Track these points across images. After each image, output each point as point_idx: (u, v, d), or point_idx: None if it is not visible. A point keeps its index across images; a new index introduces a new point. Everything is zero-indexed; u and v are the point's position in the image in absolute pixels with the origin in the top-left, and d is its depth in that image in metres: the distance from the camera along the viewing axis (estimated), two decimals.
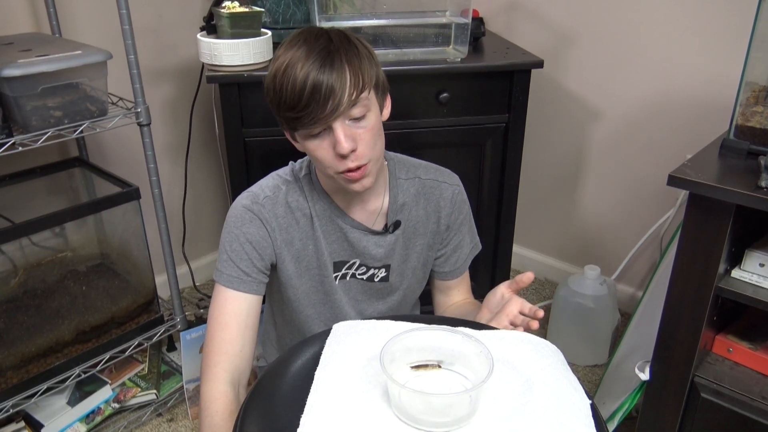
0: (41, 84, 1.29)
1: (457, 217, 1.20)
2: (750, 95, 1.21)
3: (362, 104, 0.96)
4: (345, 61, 0.94)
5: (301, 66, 0.93)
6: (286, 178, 1.13)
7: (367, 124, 0.98)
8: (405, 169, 1.18)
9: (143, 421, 1.70)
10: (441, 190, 1.18)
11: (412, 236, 1.19)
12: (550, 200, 2.24)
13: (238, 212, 1.09)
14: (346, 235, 1.13)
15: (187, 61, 1.98)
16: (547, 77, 2.04)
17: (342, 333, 0.94)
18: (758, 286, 1.15)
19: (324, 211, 1.12)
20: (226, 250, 1.08)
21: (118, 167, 1.82)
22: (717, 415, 1.22)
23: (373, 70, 0.99)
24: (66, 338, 1.52)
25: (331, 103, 0.93)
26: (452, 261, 1.24)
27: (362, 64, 0.96)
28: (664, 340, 1.26)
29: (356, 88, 0.94)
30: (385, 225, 1.16)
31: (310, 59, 0.93)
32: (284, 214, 1.10)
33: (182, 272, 2.09)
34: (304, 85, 0.92)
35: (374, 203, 1.14)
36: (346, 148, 0.95)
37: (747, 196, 1.05)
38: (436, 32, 1.62)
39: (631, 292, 2.11)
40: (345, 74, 0.93)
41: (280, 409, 0.82)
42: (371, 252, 1.15)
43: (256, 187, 1.12)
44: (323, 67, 0.92)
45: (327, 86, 0.92)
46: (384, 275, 1.19)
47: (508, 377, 0.85)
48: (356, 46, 0.98)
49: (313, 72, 0.92)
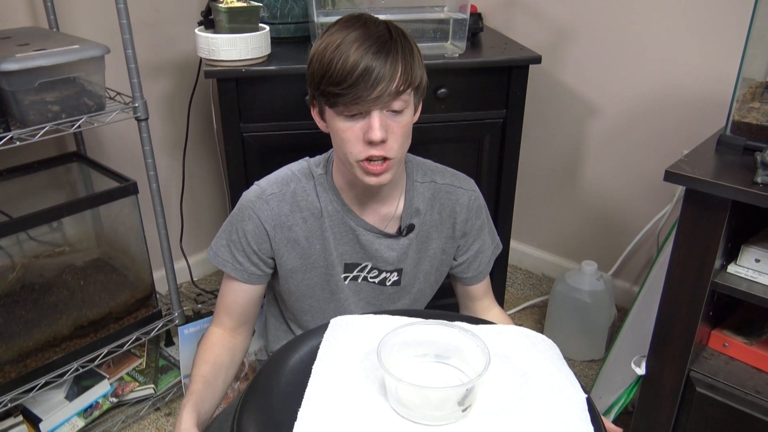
0: (39, 78, 1.29)
1: (474, 223, 1.20)
2: (747, 91, 1.21)
3: (404, 100, 0.98)
4: (400, 53, 0.96)
5: (357, 46, 0.94)
6: (298, 175, 1.13)
7: (402, 120, 0.99)
8: (422, 172, 1.17)
9: (141, 416, 1.70)
10: (457, 195, 1.17)
11: (426, 240, 1.18)
12: (548, 196, 2.24)
13: (243, 206, 1.11)
14: (358, 237, 1.13)
15: (185, 55, 1.98)
16: (545, 73, 2.04)
17: (340, 327, 0.95)
18: (753, 282, 1.16)
19: (336, 212, 1.11)
20: (226, 236, 1.13)
21: (116, 162, 1.82)
22: (712, 410, 1.23)
23: (421, 71, 1.01)
24: (64, 333, 1.52)
25: (379, 89, 0.93)
26: (475, 266, 1.23)
27: (414, 61, 0.98)
28: (660, 335, 1.27)
29: (404, 82, 0.96)
30: (398, 228, 1.15)
31: (368, 42, 0.94)
32: (289, 211, 1.10)
33: (180, 267, 2.09)
34: (357, 65, 0.93)
35: (389, 206, 1.13)
36: (378, 136, 0.96)
37: (743, 192, 1.05)
38: (434, 28, 1.62)
39: (627, 287, 2.12)
40: (398, 66, 0.95)
41: (279, 402, 0.83)
42: (383, 255, 1.14)
43: (265, 181, 1.13)
44: (379, 53, 0.94)
45: (379, 72, 0.93)
46: (396, 279, 1.18)
47: (505, 371, 0.86)
48: (411, 44, 1.00)
49: (369, 55, 0.93)
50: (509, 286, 2.27)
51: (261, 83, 1.50)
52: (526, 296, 2.23)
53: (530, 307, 2.18)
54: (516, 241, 2.36)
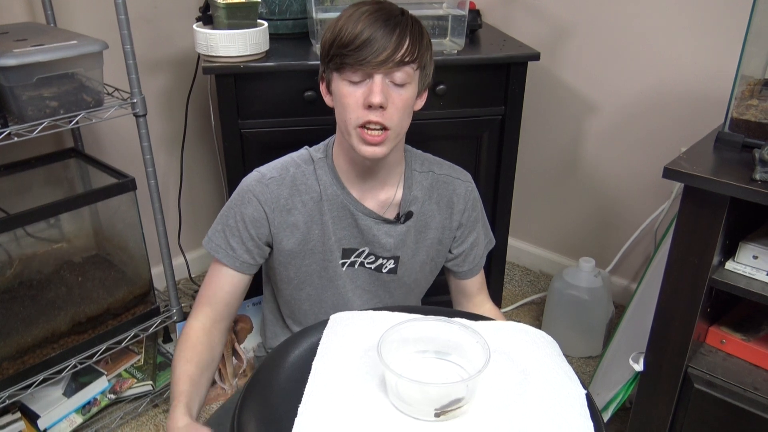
0: (37, 74, 1.29)
1: (470, 215, 1.21)
2: (745, 89, 1.22)
3: (407, 72, 1.02)
4: (408, 29, 1.01)
5: (368, 15, 1.00)
6: (298, 161, 1.15)
7: (404, 93, 1.03)
8: (419, 161, 1.20)
9: (139, 412, 1.70)
10: (455, 186, 1.20)
11: (424, 229, 1.19)
12: (546, 193, 2.24)
13: (242, 190, 1.13)
14: (356, 221, 1.14)
15: (184, 51, 1.97)
16: (544, 70, 2.04)
17: (340, 323, 0.95)
18: (752, 278, 1.16)
19: (336, 196, 1.13)
20: (222, 221, 1.14)
21: (114, 158, 1.81)
22: (710, 406, 1.23)
23: (428, 55, 1.07)
24: (62, 329, 1.52)
25: (384, 54, 0.98)
26: (470, 259, 1.25)
27: (422, 42, 1.03)
28: (658, 331, 1.27)
29: (411, 55, 1.00)
30: (397, 215, 1.16)
31: (378, 13, 1.00)
32: (288, 195, 1.12)
33: (178, 263, 2.09)
34: (365, 29, 0.99)
35: (387, 192, 1.15)
36: (378, 99, 0.99)
37: (741, 189, 1.06)
38: (433, 24, 1.62)
39: (625, 284, 2.12)
40: (405, 39, 1.00)
41: (278, 398, 0.83)
42: (381, 240, 1.16)
43: (265, 167, 1.15)
44: (388, 22, 0.99)
45: (385, 40, 0.98)
46: (392, 267, 1.19)
47: (505, 367, 0.86)
48: (423, 30, 1.05)
49: (378, 23, 0.99)
50: (507, 283, 2.28)
51: (259, 79, 1.50)
52: (524, 293, 2.24)
53: (528, 304, 2.18)
54: (514, 238, 2.36)
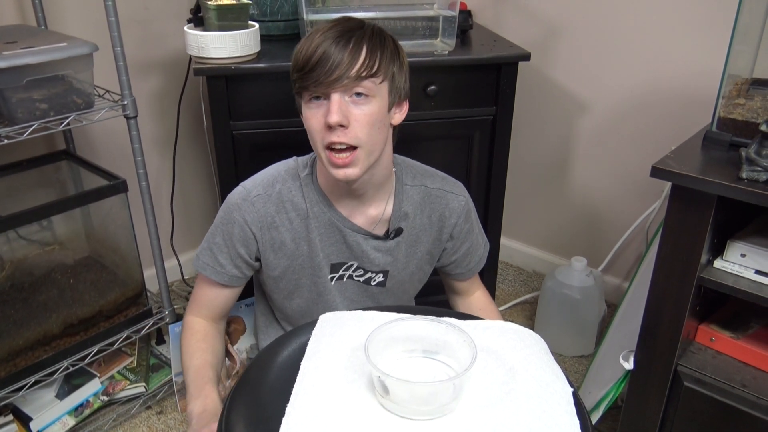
0: (27, 76, 1.29)
1: (462, 228, 1.21)
2: (732, 88, 1.23)
3: (366, 87, 0.98)
4: (364, 42, 0.97)
5: (322, 35, 0.97)
6: (284, 175, 1.12)
7: (367, 110, 0.99)
8: (411, 175, 1.17)
9: (132, 414, 1.70)
10: (447, 200, 1.18)
11: (414, 244, 1.18)
12: (538, 192, 2.25)
13: (228, 209, 1.11)
14: (345, 237, 1.13)
15: (175, 53, 1.97)
16: (535, 70, 2.05)
17: (328, 323, 0.95)
18: (740, 276, 1.17)
19: (322, 212, 1.11)
20: (209, 240, 1.14)
21: (106, 160, 1.81)
22: (699, 403, 1.24)
23: (394, 67, 1.02)
24: (54, 331, 1.52)
25: (337, 72, 0.95)
26: (464, 264, 1.25)
27: (383, 54, 0.99)
28: (647, 329, 1.28)
29: (367, 69, 0.97)
30: (386, 231, 1.15)
31: (332, 31, 0.98)
32: (275, 212, 1.10)
33: (171, 265, 2.09)
34: (316, 50, 0.96)
35: (377, 208, 1.13)
36: (335, 119, 0.96)
37: (729, 188, 1.06)
38: (424, 25, 1.63)
39: (617, 283, 2.13)
40: (360, 53, 0.96)
41: (267, 398, 0.83)
42: (370, 256, 1.15)
43: (251, 182, 1.13)
44: (340, 39, 0.96)
45: (337, 56, 0.95)
46: (381, 280, 1.19)
47: (492, 366, 0.86)
48: (386, 40, 1.01)
49: (329, 41, 0.96)
50: (500, 283, 2.28)
51: (251, 81, 1.50)
52: (517, 293, 2.24)
53: (521, 304, 2.19)
54: (506, 238, 2.37)
